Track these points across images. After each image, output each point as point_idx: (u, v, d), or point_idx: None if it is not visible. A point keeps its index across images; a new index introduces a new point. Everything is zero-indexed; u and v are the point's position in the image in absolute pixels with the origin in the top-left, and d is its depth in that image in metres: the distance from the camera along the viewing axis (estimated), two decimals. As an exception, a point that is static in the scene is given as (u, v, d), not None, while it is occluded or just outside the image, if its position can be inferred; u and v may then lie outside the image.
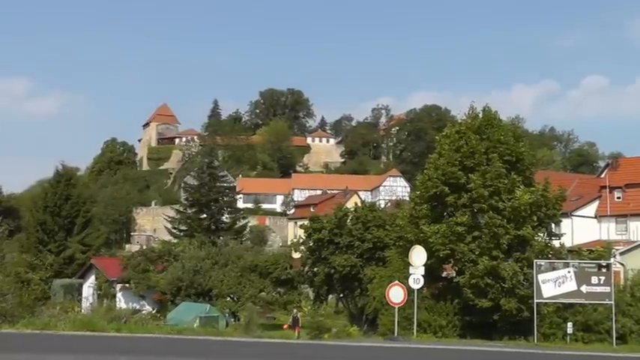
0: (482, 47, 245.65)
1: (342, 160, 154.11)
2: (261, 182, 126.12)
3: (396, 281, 28.01)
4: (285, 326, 35.50)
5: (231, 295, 44.50)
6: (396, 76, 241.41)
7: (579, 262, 27.97)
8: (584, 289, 26.82)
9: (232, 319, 41.56)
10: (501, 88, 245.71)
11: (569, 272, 27.04)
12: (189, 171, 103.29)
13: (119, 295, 50.30)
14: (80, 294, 53.87)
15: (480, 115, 31.04)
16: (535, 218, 28.85)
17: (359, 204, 40.77)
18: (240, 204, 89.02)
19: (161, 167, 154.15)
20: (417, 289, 27.81)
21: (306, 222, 39.87)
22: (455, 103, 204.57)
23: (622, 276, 34.93)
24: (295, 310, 36.90)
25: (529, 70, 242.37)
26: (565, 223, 43.10)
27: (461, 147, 29.66)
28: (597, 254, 30.46)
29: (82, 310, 46.05)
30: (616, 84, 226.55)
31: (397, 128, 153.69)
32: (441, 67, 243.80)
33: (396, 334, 26.78)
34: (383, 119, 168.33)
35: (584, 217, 54.63)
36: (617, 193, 55.73)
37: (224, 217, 68.11)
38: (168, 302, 46.41)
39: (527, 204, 28.21)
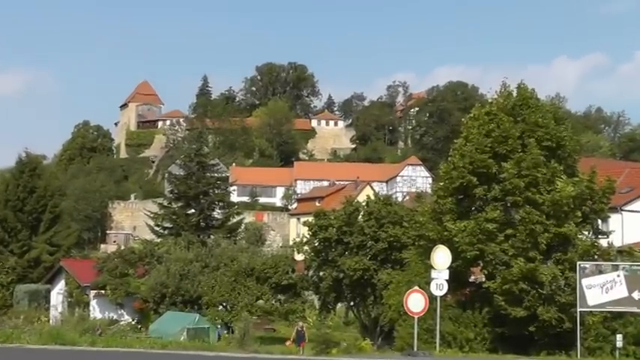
0: (517, 14, 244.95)
1: (353, 146, 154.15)
2: (259, 172, 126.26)
3: (416, 287, 28.02)
4: (288, 342, 35.62)
5: (224, 304, 44.65)
6: (416, 48, 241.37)
7: (631, 265, 27.91)
8: (636, 295, 26.77)
9: (225, 331, 41.73)
10: (540, 62, 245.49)
11: (618, 276, 27.00)
12: (175, 159, 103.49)
13: (93, 303, 50.54)
14: (48, 301, 54.14)
15: (514, 94, 30.97)
16: (579, 213, 28.79)
17: (372, 197, 40.75)
18: (234, 197, 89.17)
19: (141, 155, 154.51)
20: (440, 297, 27.82)
21: (310, 218, 39.90)
22: (484, 80, 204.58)
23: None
24: (301, 323, 36.95)
25: (573, 41, 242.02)
26: (614, 218, 42.98)
27: (492, 131, 29.61)
28: (652, 255, 30.36)
29: (50, 321, 46.40)
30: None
31: (417, 109, 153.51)
32: (468, 37, 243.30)
33: (415, 348, 26.81)
34: (400, 98, 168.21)
35: (636, 212, 54.49)
36: (675, 185, 55.52)
37: (215, 213, 68.18)
38: (150, 311, 46.62)
39: (569, 197, 28.16)
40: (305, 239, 39.70)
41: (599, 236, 30.97)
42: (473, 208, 30.09)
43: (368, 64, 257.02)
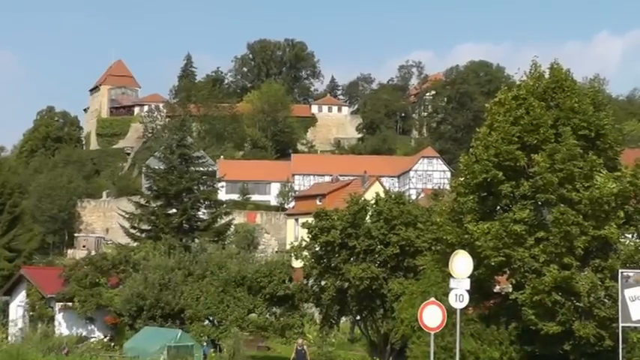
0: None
1: (359, 135, 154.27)
2: (250, 166, 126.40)
3: (432, 299, 28.01)
4: None
5: (211, 318, 44.67)
6: (433, 22, 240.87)
7: (681, 273, 27.90)
8: (686, 309, 26.76)
9: (212, 350, 41.80)
10: (577, 39, 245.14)
11: (667, 286, 26.99)
12: (153, 151, 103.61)
13: (59, 317, 50.55)
14: (6, 316, 54.15)
15: (547, 75, 30.96)
16: (621, 214, 28.75)
17: (381, 194, 40.75)
18: (223, 195, 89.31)
19: (115, 146, 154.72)
20: (461, 310, 27.83)
21: (310, 219, 39.92)
22: (512, 59, 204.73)
23: None
24: (300, 341, 37.01)
25: (615, 14, 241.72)
26: (661, 220, 42.94)
27: (520, 118, 29.59)
28: None
29: (9, 338, 46.42)
30: None
31: (433, 93, 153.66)
32: (494, 9, 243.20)
33: (431, 369, 26.85)
34: (414, 81, 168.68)
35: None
36: None
37: (200, 213, 68.30)
38: (125, 327, 46.67)
39: (610, 194, 28.13)
40: (304, 243, 39.70)
41: (645, 240, 30.98)
42: (498, 208, 30.09)
43: (377, 41, 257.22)
